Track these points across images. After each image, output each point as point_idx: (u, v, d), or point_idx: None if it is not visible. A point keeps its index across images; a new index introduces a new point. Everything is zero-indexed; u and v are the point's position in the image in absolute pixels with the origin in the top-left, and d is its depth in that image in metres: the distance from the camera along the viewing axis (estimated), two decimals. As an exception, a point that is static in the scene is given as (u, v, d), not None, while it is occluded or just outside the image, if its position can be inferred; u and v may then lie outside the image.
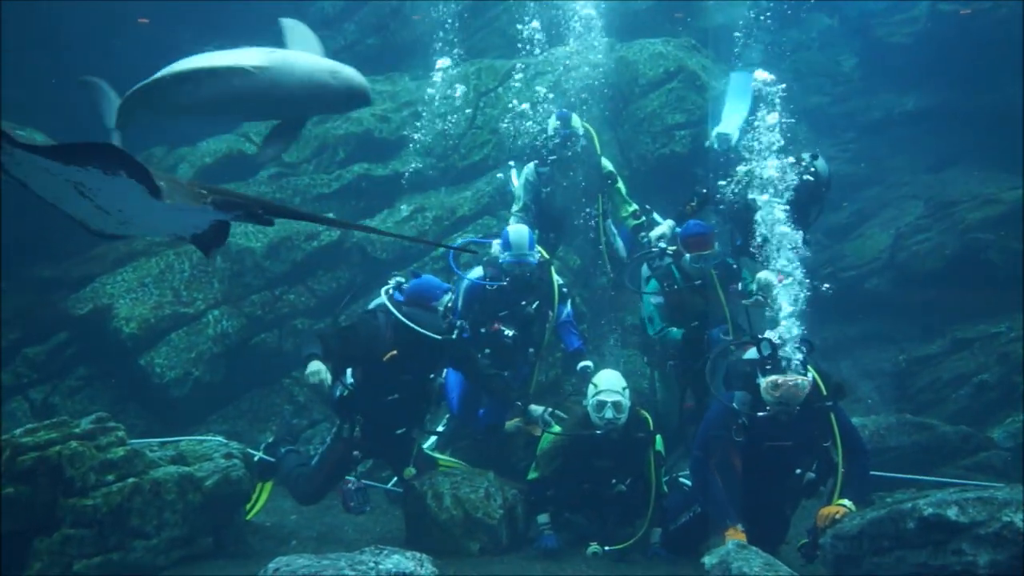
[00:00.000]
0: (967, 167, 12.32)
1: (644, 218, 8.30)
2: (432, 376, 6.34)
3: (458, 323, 6.32)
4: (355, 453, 6.28)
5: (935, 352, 9.43)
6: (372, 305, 6.49)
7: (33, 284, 8.54)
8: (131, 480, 5.23)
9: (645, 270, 7.45)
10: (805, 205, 7.08)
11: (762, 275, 6.69)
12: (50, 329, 8.30)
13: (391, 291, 6.34)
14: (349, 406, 6.15)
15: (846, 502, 5.16)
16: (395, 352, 6.04)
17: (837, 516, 5.00)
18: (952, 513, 4.09)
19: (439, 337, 6.07)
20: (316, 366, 5.67)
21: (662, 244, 7.40)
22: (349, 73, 5.07)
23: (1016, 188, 10.06)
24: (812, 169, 7.03)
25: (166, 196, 3.09)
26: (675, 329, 7.08)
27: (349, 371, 6.23)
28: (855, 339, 10.29)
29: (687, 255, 6.98)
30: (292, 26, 5.52)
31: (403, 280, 6.52)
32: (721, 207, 7.64)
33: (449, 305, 6.27)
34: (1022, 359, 8.55)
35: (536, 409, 6.52)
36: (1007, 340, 8.93)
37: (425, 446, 6.99)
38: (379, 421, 6.21)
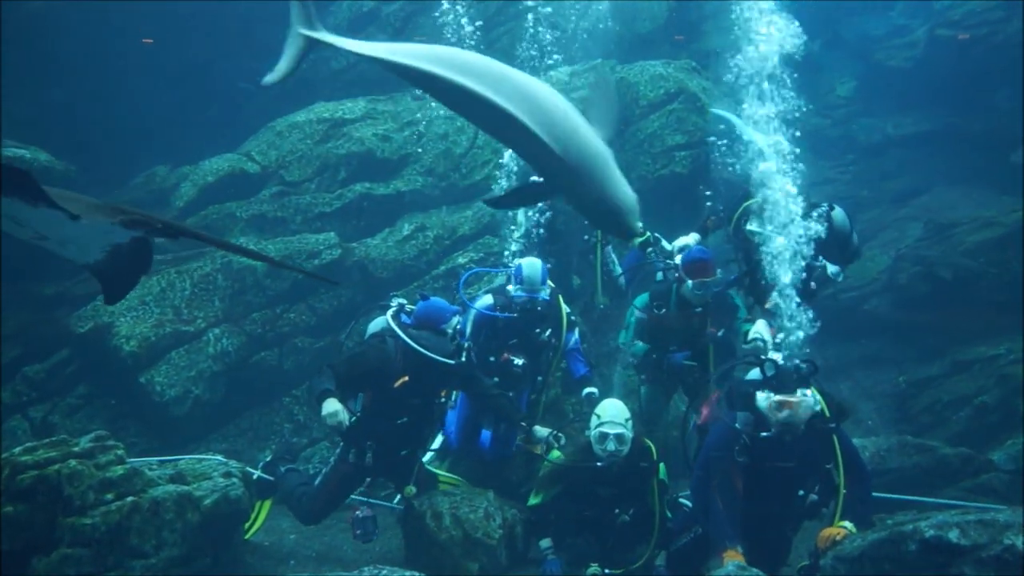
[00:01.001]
0: (966, 189, 12.38)
1: (649, 234, 8.30)
2: (442, 400, 6.33)
3: (465, 344, 6.28)
4: (367, 479, 6.25)
5: (935, 374, 9.42)
6: (376, 328, 6.47)
7: (34, 301, 8.55)
8: (130, 499, 5.21)
9: (660, 276, 7.42)
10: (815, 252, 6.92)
11: (757, 330, 6.66)
12: (51, 347, 8.30)
13: (397, 314, 6.31)
14: (358, 432, 6.10)
15: (847, 524, 5.14)
16: (407, 378, 6.02)
17: (838, 538, 4.98)
18: (954, 536, 4.08)
19: (451, 362, 6.07)
20: (333, 406, 5.62)
21: (678, 260, 7.34)
22: (629, 219, 4.23)
23: (1015, 211, 10.10)
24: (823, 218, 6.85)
25: (83, 216, 3.09)
26: (640, 344, 7.09)
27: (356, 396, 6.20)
28: (855, 360, 10.28)
29: (689, 281, 6.90)
30: (602, 89, 4.76)
31: (405, 302, 6.50)
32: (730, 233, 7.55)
33: (457, 328, 6.25)
34: (1022, 381, 8.54)
35: (541, 431, 6.49)
36: (1006, 362, 8.93)
37: (424, 460, 6.99)
38: (387, 444, 6.19)
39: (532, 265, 7.08)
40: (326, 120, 10.86)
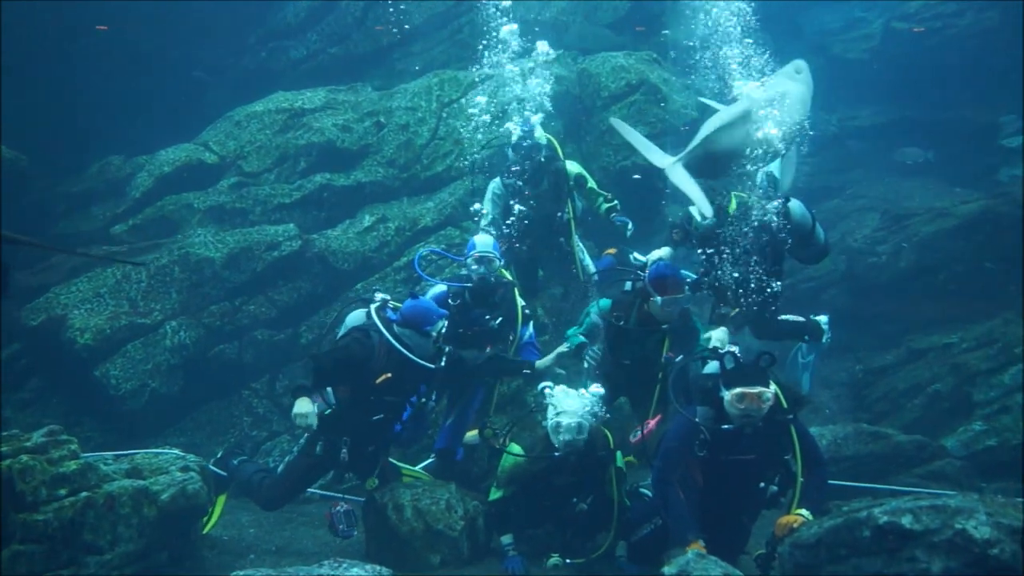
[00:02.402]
0: (922, 180, 12.60)
1: (616, 202, 8.28)
2: (420, 399, 6.30)
3: (447, 349, 6.24)
4: (331, 471, 6.19)
5: (891, 362, 9.57)
6: (355, 321, 6.38)
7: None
8: (84, 494, 5.12)
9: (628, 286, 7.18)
10: (775, 248, 6.86)
11: (716, 335, 6.61)
12: (2, 340, 8.12)
13: (382, 309, 6.26)
14: (331, 425, 6.04)
15: (804, 512, 5.20)
16: (389, 375, 5.98)
17: (795, 525, 5.05)
18: (907, 521, 4.15)
19: (431, 366, 6.06)
20: (305, 407, 5.58)
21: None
22: None
23: (968, 202, 10.29)
24: (781, 209, 6.78)
25: None
26: (579, 338, 6.96)
27: (330, 389, 6.14)
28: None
29: (658, 298, 6.61)
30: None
31: (389, 297, 6.44)
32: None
33: (442, 331, 6.19)
34: (974, 370, 8.72)
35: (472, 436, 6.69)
36: (959, 351, 9.10)
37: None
38: (359, 440, 6.15)
39: (483, 236, 7.39)
40: (285, 110, 10.74)
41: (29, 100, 9.84)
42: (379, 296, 6.42)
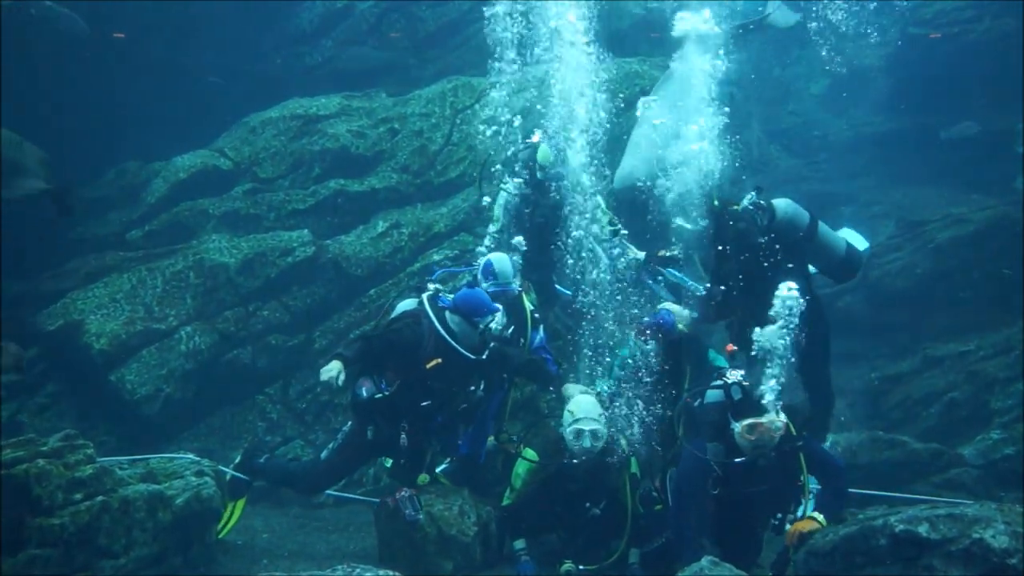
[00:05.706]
0: (938, 187, 12.52)
1: (619, 225, 8.23)
2: (471, 389, 6.27)
3: (491, 344, 6.21)
4: (402, 462, 6.19)
5: (906, 370, 9.50)
6: (408, 306, 6.43)
7: (1, 299, 8.41)
8: (99, 498, 5.14)
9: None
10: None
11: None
12: (18, 345, 8.17)
13: (434, 298, 6.26)
14: (384, 411, 6.04)
15: (817, 515, 5.14)
16: (439, 360, 6.00)
17: (804, 530, 5.00)
18: (923, 530, 4.12)
19: (472, 357, 6.06)
20: (335, 365, 5.64)
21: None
22: None
23: (985, 208, 10.22)
24: (762, 205, 6.45)
25: None
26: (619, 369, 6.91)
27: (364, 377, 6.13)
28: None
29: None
30: None
31: (441, 288, 6.46)
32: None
33: (490, 325, 6.16)
34: (991, 377, 8.64)
35: (572, 388, 6.49)
36: (976, 358, 9.02)
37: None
38: (414, 427, 6.14)
39: (501, 259, 7.17)
40: (300, 116, 10.80)
41: (45, 106, 9.92)
42: (432, 286, 6.46)
